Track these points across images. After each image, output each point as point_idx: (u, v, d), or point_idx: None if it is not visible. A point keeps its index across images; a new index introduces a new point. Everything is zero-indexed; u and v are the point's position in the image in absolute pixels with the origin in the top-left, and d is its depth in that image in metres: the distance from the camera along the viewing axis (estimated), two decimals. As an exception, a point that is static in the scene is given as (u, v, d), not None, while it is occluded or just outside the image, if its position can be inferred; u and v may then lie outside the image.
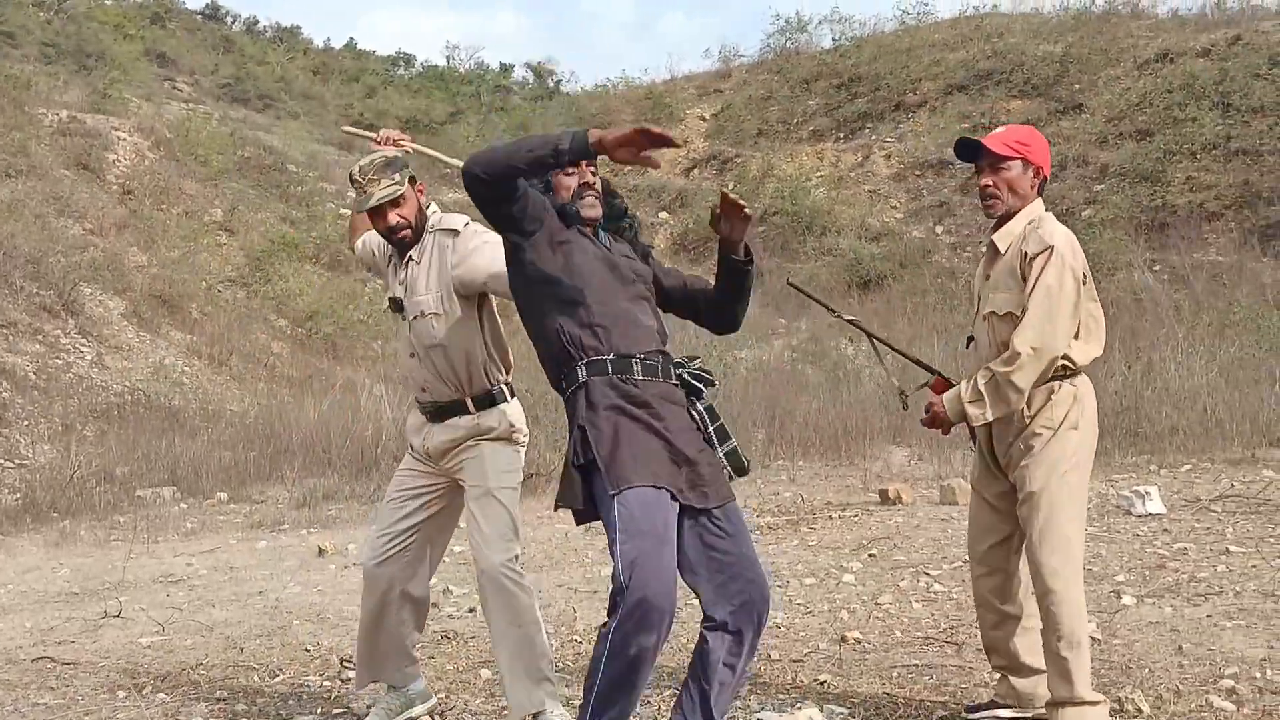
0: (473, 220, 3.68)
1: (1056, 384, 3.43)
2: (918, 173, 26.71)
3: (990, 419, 3.37)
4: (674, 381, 2.91)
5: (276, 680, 4.56)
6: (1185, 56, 23.60)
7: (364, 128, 4.56)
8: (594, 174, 3.12)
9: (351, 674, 4.66)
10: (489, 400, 3.65)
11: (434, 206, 3.77)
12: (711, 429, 2.94)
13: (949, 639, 4.85)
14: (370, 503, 11.92)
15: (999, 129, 3.53)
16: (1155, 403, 13.84)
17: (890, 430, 14.74)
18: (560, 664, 4.84)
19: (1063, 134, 24.32)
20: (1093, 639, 4.66)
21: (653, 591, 2.52)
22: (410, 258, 3.65)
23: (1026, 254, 3.38)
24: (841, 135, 28.25)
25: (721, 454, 2.91)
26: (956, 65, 27.60)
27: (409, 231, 3.61)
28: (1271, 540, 7.01)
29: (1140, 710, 3.65)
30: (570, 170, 3.08)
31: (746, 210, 3.02)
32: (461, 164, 3.22)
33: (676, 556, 2.71)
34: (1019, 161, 3.43)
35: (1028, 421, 3.42)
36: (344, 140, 28.55)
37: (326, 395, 17.07)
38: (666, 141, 2.71)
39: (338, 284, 24.23)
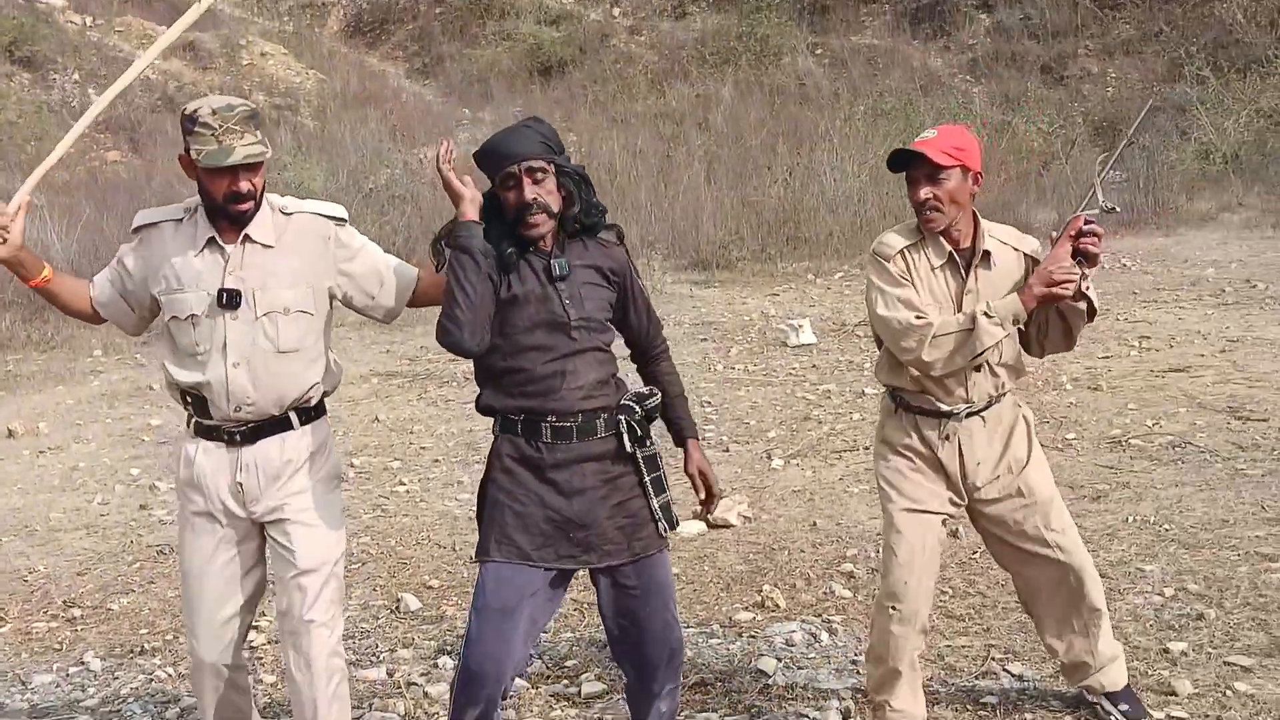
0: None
1: (1014, 395, 3.41)
2: (589, -46, 26.68)
3: (1090, 314, 3.24)
4: (601, 435, 2.80)
5: (4, 629, 4.74)
6: None
7: None
8: (539, 179, 2.76)
9: (76, 612, 4.91)
10: (315, 412, 3.07)
11: (270, 195, 3.08)
12: (649, 479, 2.86)
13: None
14: (50, 349, 11.58)
15: (929, 133, 3.22)
16: (813, 209, 15.09)
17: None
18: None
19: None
20: (745, 518, 5.49)
21: (480, 666, 2.72)
22: (249, 237, 2.94)
23: (1034, 257, 3.27)
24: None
25: (656, 505, 2.87)
26: None
27: (252, 204, 2.92)
28: (899, 377, 8.11)
29: (778, 605, 4.45)
30: (509, 184, 2.77)
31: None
32: None
33: (604, 621, 2.92)
34: (958, 169, 3.16)
35: (1008, 434, 3.33)
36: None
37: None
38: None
39: (-21, 84, 22.23)
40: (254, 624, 4.52)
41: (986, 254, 3.25)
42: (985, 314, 3.11)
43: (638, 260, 13.41)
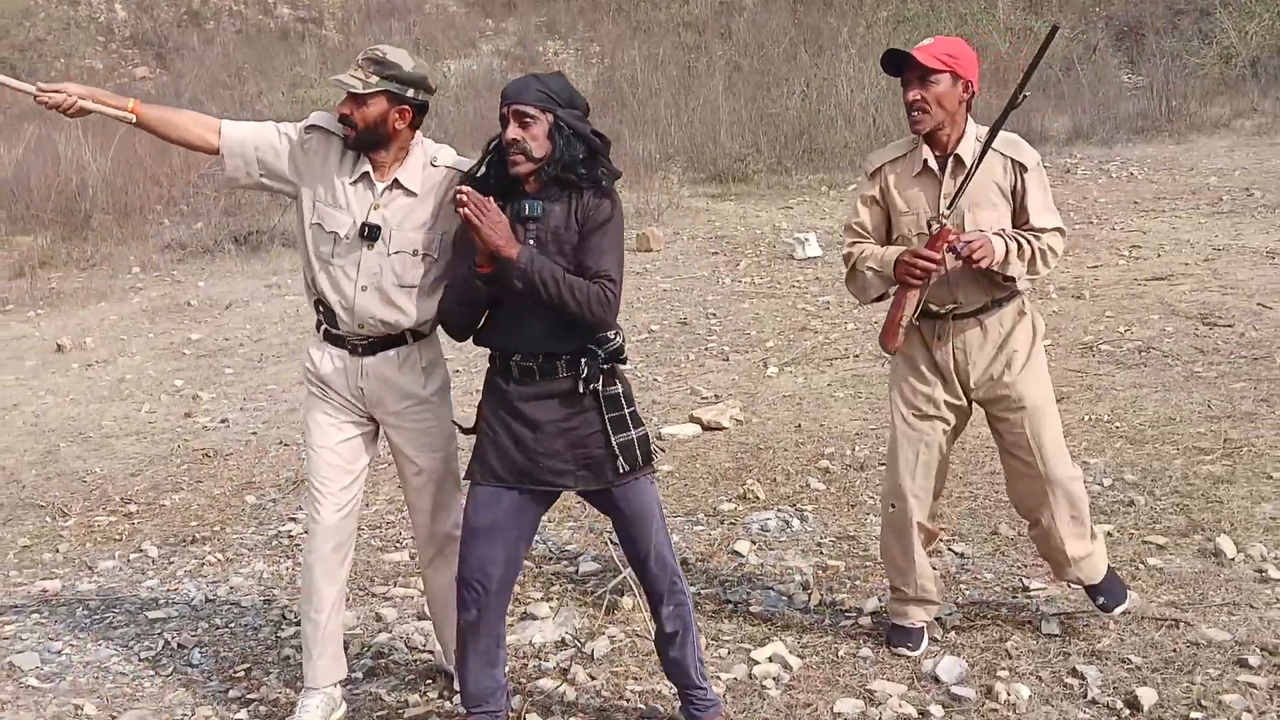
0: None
1: (1022, 300, 3.51)
2: None
3: (1020, 276, 3.37)
4: (562, 375, 2.99)
5: (69, 522, 5.31)
6: None
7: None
8: (527, 124, 2.96)
9: (133, 508, 5.47)
10: (424, 331, 3.36)
11: (428, 144, 3.35)
12: (608, 418, 3.01)
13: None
14: (90, 267, 12.12)
15: (927, 40, 3.39)
16: (830, 121, 15.33)
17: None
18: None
19: None
20: (737, 420, 5.97)
21: (466, 574, 3.11)
22: (398, 181, 3.25)
23: (1026, 166, 3.38)
24: None
25: (616, 444, 3.01)
26: None
27: (352, 132, 3.19)
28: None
29: (758, 496, 4.95)
30: (504, 124, 3.00)
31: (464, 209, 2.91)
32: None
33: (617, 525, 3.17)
34: (948, 75, 3.30)
35: (1003, 339, 3.46)
36: None
37: (17, 133, 16.45)
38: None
39: (6, 1, 22.58)
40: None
41: (958, 158, 3.36)
42: (872, 269, 3.40)
43: (656, 174, 13.89)
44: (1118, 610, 3.62)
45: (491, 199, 2.94)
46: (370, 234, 3.21)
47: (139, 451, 6.32)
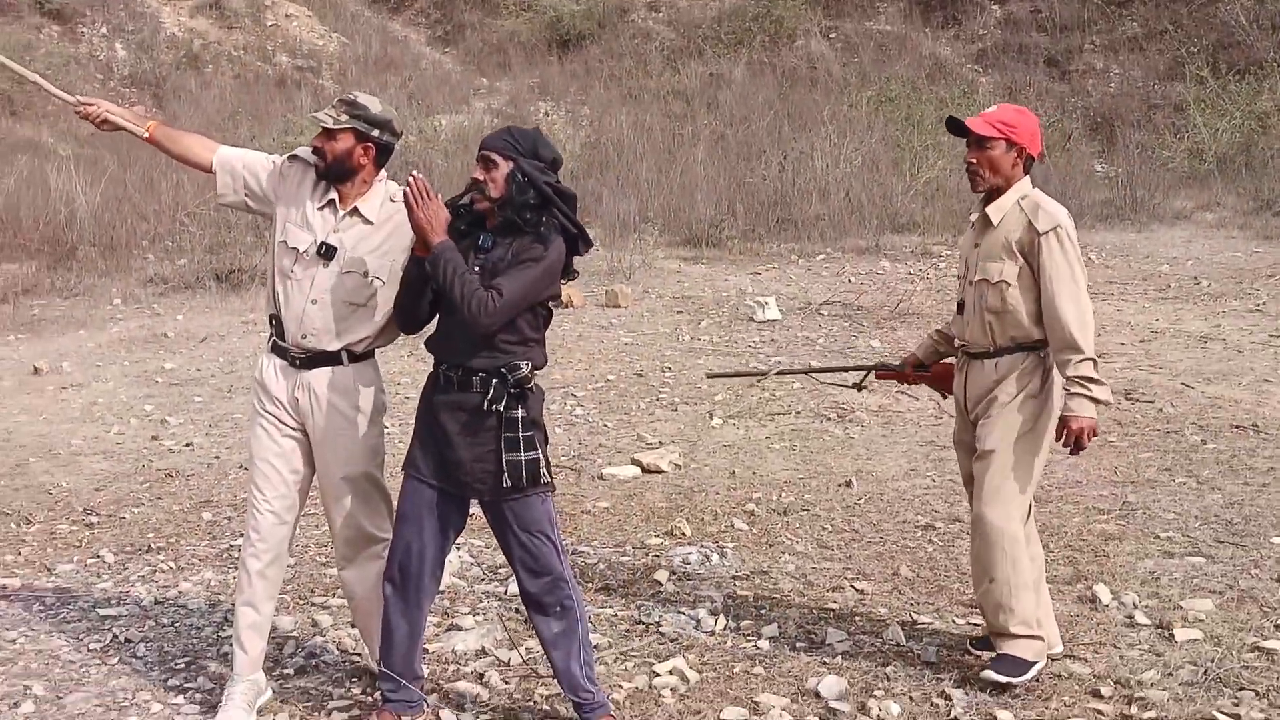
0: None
1: (1024, 355, 3.68)
2: (620, -71, 27.19)
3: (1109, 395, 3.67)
4: (476, 390, 3.31)
5: (32, 528, 5.58)
6: None
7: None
8: (489, 168, 3.33)
9: (94, 519, 5.74)
10: (364, 356, 3.70)
11: (391, 184, 3.72)
12: (504, 437, 3.30)
13: (574, 466, 6.35)
14: (72, 296, 12.40)
15: (990, 108, 3.73)
16: (805, 192, 15.80)
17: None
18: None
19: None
20: (676, 465, 6.28)
21: (391, 554, 3.48)
22: (358, 210, 3.63)
23: (1038, 230, 3.58)
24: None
25: (505, 461, 3.29)
26: None
27: (322, 163, 3.59)
28: (848, 353, 8.90)
29: (685, 534, 5.25)
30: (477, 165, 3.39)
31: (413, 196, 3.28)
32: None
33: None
34: (1003, 142, 3.62)
35: (993, 385, 3.69)
36: None
37: (9, 164, 16.75)
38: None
39: (7, 34, 23.01)
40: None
41: (985, 217, 3.72)
42: None
43: (633, 235, 14.28)
44: (1000, 679, 3.61)
45: (439, 195, 3.35)
46: (326, 252, 3.58)
47: (105, 469, 6.60)
